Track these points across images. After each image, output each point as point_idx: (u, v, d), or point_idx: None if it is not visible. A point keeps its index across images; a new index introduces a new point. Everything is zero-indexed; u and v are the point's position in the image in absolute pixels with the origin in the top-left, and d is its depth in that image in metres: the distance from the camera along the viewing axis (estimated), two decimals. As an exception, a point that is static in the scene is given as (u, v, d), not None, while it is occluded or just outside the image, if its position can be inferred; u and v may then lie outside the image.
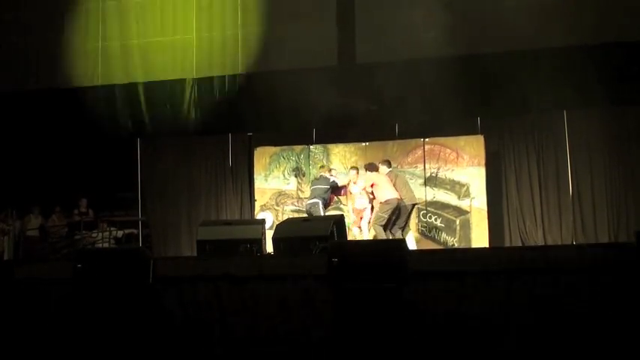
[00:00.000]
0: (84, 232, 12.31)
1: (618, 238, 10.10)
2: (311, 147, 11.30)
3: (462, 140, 10.60)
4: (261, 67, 12.50)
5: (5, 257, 11.96)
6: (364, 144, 11.09)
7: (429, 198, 10.55)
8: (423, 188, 10.56)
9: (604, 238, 10.15)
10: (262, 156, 11.40)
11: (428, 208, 10.54)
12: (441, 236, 10.49)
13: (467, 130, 10.71)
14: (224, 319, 5.33)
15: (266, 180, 11.32)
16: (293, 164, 11.31)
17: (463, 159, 10.53)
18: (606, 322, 4.62)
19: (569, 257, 5.06)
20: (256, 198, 11.32)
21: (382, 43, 11.50)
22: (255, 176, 11.41)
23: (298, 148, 11.35)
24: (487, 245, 10.11)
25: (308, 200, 10.39)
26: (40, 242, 12.67)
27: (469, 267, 5.01)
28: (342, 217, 8.27)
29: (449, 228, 10.47)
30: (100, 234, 12.26)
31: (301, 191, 11.14)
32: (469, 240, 10.33)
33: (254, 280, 5.37)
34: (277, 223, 9.39)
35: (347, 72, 11.70)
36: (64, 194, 12.80)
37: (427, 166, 10.63)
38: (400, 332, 4.67)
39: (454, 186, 10.52)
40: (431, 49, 10.82)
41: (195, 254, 8.65)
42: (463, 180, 10.48)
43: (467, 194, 10.43)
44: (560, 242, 10.39)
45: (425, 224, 10.57)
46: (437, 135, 10.74)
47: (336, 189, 10.56)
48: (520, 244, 10.49)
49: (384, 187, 9.81)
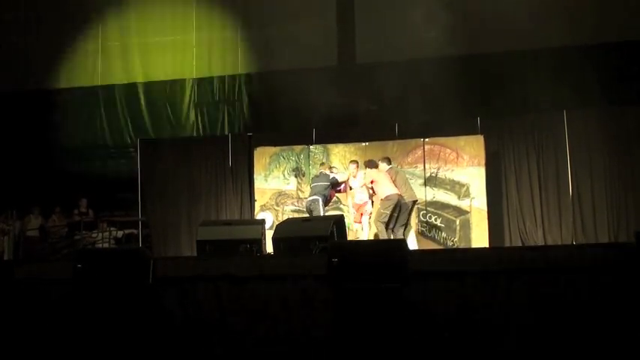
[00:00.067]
0: (84, 233, 12.31)
1: (618, 239, 10.08)
2: (311, 147, 11.27)
3: (462, 140, 10.59)
4: (261, 67, 12.53)
5: (5, 257, 11.96)
6: (364, 144, 11.06)
7: (429, 198, 10.53)
8: (423, 188, 10.53)
9: (604, 239, 10.13)
10: (262, 156, 11.38)
11: (428, 208, 10.52)
12: (441, 236, 10.48)
13: (467, 130, 10.68)
14: (224, 319, 5.33)
15: (266, 180, 11.30)
16: (293, 164, 11.28)
17: (463, 159, 10.51)
18: (606, 322, 4.62)
19: (569, 257, 5.05)
20: (256, 198, 11.30)
21: (382, 43, 11.54)
22: (255, 176, 11.38)
23: (298, 148, 11.32)
24: (487, 245, 10.09)
25: (308, 197, 10.34)
26: (40, 242, 12.67)
27: (469, 267, 5.01)
28: (342, 217, 8.26)
29: (449, 228, 10.45)
30: (100, 234, 12.27)
31: (301, 191, 11.11)
32: (469, 240, 10.32)
33: (254, 280, 5.37)
34: (277, 223, 9.38)
35: (347, 72, 11.73)
36: (64, 194, 12.80)
37: (427, 166, 10.61)
38: (400, 332, 4.67)
39: (454, 186, 10.51)
40: (431, 49, 10.84)
41: (195, 254, 8.63)
42: (463, 180, 10.47)
43: (467, 194, 10.42)
44: (560, 242, 10.38)
45: (425, 224, 10.55)
46: (437, 135, 10.71)
47: (336, 184, 10.50)
48: (520, 244, 10.47)
49: (384, 184, 9.76)
